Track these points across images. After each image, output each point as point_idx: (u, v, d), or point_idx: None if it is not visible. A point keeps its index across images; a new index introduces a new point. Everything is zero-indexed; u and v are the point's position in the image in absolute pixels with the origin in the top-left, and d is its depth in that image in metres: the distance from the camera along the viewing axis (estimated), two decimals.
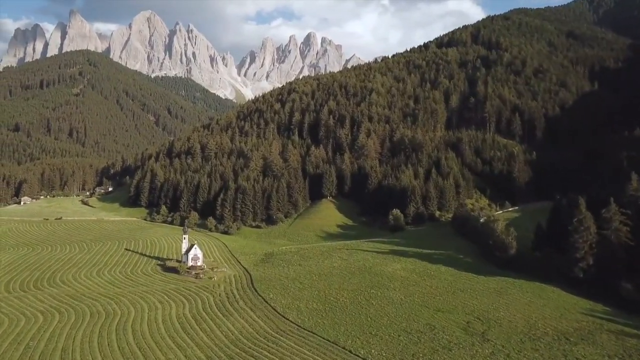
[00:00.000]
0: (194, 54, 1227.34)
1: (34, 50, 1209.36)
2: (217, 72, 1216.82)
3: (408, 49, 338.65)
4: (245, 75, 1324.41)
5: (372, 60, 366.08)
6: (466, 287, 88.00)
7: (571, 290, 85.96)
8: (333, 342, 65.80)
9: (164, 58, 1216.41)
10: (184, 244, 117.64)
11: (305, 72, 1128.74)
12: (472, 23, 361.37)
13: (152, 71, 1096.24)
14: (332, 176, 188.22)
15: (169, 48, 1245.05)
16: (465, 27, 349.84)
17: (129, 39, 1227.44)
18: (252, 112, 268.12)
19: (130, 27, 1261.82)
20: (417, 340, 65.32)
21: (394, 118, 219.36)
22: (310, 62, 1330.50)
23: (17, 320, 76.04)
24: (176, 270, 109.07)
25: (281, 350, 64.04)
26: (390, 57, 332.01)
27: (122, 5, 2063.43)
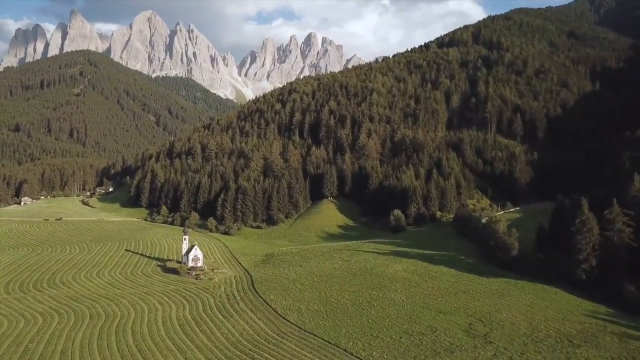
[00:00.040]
0: (194, 54, 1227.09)
1: (35, 50, 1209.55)
2: (218, 72, 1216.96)
3: (409, 49, 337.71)
4: (245, 75, 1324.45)
5: (372, 60, 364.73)
6: (468, 289, 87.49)
7: (574, 291, 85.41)
8: (334, 344, 65.34)
9: (165, 58, 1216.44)
10: (184, 245, 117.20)
11: (306, 72, 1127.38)
12: (473, 23, 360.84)
13: (153, 71, 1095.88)
14: (332, 176, 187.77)
15: (169, 48, 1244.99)
16: (466, 27, 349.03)
17: (129, 39, 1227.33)
18: (253, 112, 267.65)
19: (131, 27, 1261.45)
20: (418, 343, 64.89)
21: (395, 118, 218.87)
22: (311, 62, 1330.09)
23: (16, 322, 75.68)
24: (176, 271, 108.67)
25: (282, 353, 63.57)
26: (391, 57, 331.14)
27: (122, 6, 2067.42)
